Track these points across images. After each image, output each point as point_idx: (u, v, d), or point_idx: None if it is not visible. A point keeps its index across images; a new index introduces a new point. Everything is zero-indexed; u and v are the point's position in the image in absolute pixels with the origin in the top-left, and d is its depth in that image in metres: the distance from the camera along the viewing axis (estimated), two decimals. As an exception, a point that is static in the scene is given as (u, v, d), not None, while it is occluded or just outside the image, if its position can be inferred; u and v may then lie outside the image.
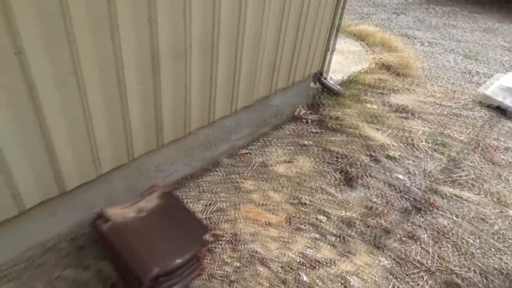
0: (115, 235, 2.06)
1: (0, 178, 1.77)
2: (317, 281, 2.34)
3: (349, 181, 3.07)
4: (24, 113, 1.72)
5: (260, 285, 2.27)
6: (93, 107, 1.95)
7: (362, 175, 3.13)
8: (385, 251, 2.59)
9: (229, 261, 2.37)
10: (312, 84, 3.84)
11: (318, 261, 2.45)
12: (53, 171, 1.97)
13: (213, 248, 2.41)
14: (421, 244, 2.64)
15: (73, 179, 2.10)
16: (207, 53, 2.42)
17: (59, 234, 2.28)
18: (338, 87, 3.89)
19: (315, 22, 3.24)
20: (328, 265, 2.44)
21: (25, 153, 1.81)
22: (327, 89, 3.86)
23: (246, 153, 3.23)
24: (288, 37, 2.99)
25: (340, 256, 2.52)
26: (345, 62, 4.71)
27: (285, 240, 2.57)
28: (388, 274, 2.45)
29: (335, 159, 3.30)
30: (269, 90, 3.14)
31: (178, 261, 2.04)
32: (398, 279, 2.42)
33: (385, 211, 2.85)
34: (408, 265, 2.51)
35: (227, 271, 2.31)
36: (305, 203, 2.84)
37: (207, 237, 2.46)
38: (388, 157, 3.39)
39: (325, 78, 3.86)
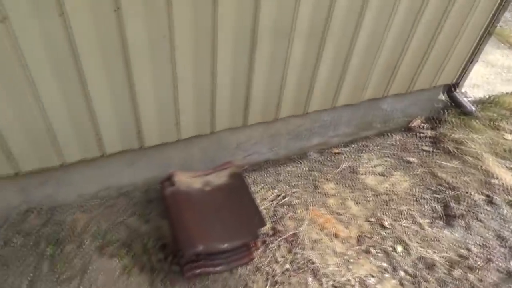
0: (173, 202, 2.11)
1: (88, 122, 1.94)
2: (368, 316, 2.07)
3: (448, 217, 2.59)
4: (116, 69, 1.81)
5: (304, 297, 2.11)
6: (181, 73, 1.97)
7: (467, 215, 2.62)
8: (464, 312, 2.16)
9: (281, 260, 2.24)
10: (440, 96, 3.32)
11: (377, 294, 2.16)
12: (136, 126, 2.08)
13: (269, 242, 2.31)
14: (514, 320, 2.13)
15: (154, 137, 2.18)
16: (315, 39, 2.21)
17: (134, 184, 2.44)
18: (472, 105, 3.28)
19: (459, 22, 2.69)
20: (388, 303, 2.14)
21: (112, 105, 1.93)
22: (456, 105, 3.28)
23: (338, 153, 2.98)
24: (417, 36, 2.56)
25: (406, 298, 2.18)
26: (492, 78, 3.94)
27: (348, 259, 2.32)
28: None
29: (439, 187, 2.82)
30: (380, 93, 2.80)
31: (225, 246, 2.01)
32: None
33: (482, 266, 2.35)
34: None
35: (275, 270, 2.19)
36: (386, 227, 2.51)
37: (265, 228, 2.37)
38: (510, 204, 2.77)
39: (458, 92, 3.29)
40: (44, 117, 1.80)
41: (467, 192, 2.75)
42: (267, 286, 2.12)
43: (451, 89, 3.22)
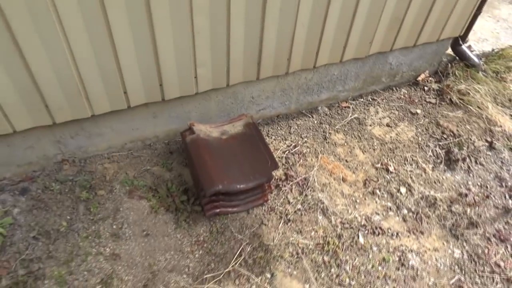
0: (194, 147, 2.30)
1: (114, 74, 2.11)
2: (373, 246, 2.28)
3: (449, 161, 2.76)
4: (140, 24, 1.96)
5: (315, 232, 2.32)
6: (199, 25, 2.11)
7: (468, 159, 2.78)
8: (462, 242, 2.35)
9: (293, 202, 2.45)
10: (447, 50, 3.40)
11: (381, 228, 2.36)
12: (158, 78, 2.25)
13: (282, 186, 2.51)
14: (508, 248, 2.32)
15: (174, 90, 2.36)
16: (322, -10, 2.33)
17: (157, 136, 2.65)
18: (477, 58, 3.36)
19: None
20: (391, 236, 2.34)
21: (137, 58, 2.09)
22: (462, 59, 3.37)
23: (346, 107, 3.13)
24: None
25: (408, 232, 2.37)
26: (499, 31, 3.98)
27: (355, 199, 2.52)
28: (455, 266, 2.24)
29: (443, 135, 2.97)
30: (387, 47, 2.90)
31: (241, 186, 2.21)
32: (466, 275, 2.20)
33: (480, 202, 2.53)
34: (484, 265, 2.25)
35: (287, 210, 2.40)
36: (390, 171, 2.69)
37: (278, 173, 2.57)
38: (511, 149, 2.91)
39: (464, 46, 3.36)
40: (77, 71, 1.99)
41: (469, 139, 2.91)
42: (281, 224, 2.34)
43: (457, 42, 3.30)
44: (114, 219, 2.24)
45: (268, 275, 2.12)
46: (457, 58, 3.40)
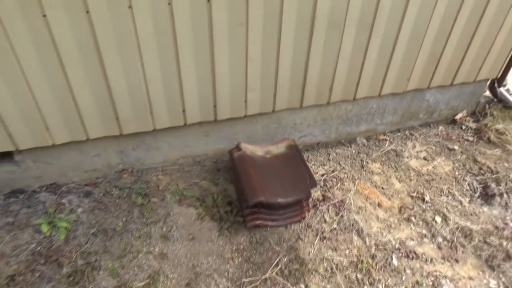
0: (241, 162, 2.53)
1: (177, 94, 2.43)
2: (407, 269, 2.33)
3: (486, 196, 2.80)
4: (202, 51, 2.29)
5: (349, 250, 2.42)
6: (252, 54, 2.41)
7: (506, 195, 2.80)
8: (498, 274, 2.35)
9: (329, 221, 2.58)
10: (484, 91, 3.52)
11: (416, 253, 2.42)
12: (213, 100, 2.54)
13: (319, 206, 2.66)
14: (546, 283, 2.29)
15: (226, 111, 2.64)
16: (364, 29, 2.58)
17: (206, 154, 2.91)
18: (516, 101, 3.45)
19: (499, 17, 2.93)
20: (425, 261, 2.39)
21: (197, 81, 2.41)
22: (499, 100, 3.46)
23: (384, 139, 3.28)
24: (458, 28, 2.84)
25: (442, 259, 2.41)
26: (540, 78, 4.05)
27: (390, 224, 2.60)
28: (491, 295, 2.24)
29: (480, 170, 3.03)
30: (424, 84, 3.08)
31: (282, 200, 2.39)
32: (501, 305, 2.20)
33: (518, 237, 2.53)
34: (520, 297, 2.23)
35: (324, 228, 2.53)
36: (426, 201, 2.76)
37: (316, 192, 2.73)
38: (552, 188, 2.90)
39: (502, 88, 3.46)
40: (146, 89, 2.32)
41: (507, 176, 2.94)
42: (317, 240, 2.46)
43: (494, 84, 3.42)
44: (164, 222, 2.47)
45: (303, 286, 2.22)
46: (495, 99, 3.49)
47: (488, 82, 3.48)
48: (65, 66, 2.07)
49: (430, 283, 2.28)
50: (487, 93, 3.55)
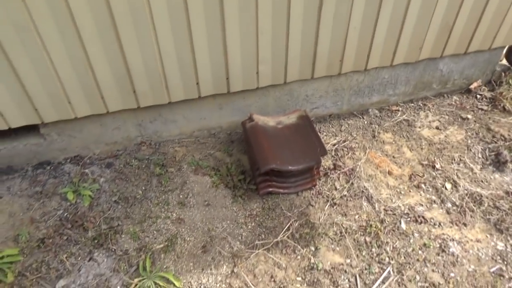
0: (253, 133, 2.62)
1: (190, 67, 2.51)
2: (415, 233, 2.40)
3: (498, 163, 2.80)
4: (214, 23, 2.36)
5: (359, 216, 2.50)
6: (262, 26, 2.46)
7: (519, 162, 2.81)
8: (506, 236, 2.39)
9: (339, 188, 2.66)
10: (500, 59, 3.46)
11: (424, 217, 2.48)
12: (226, 72, 2.62)
13: (330, 174, 2.73)
14: (554, 245, 2.32)
15: (238, 84, 2.71)
16: (374, -3, 2.59)
17: (221, 126, 3.01)
18: (534, 68, 3.39)
19: None
20: (433, 225, 2.45)
21: (209, 53, 2.48)
22: (517, 69, 3.42)
23: (396, 110, 3.30)
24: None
25: (451, 223, 2.47)
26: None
27: (400, 191, 2.66)
28: (498, 256, 2.29)
29: (493, 138, 3.02)
30: (437, 53, 3.06)
31: (293, 167, 2.47)
32: (508, 266, 2.24)
33: (528, 202, 2.55)
34: (528, 259, 2.28)
35: (334, 195, 2.61)
36: (437, 168, 2.80)
37: (327, 161, 2.81)
38: None
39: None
40: (161, 62, 2.41)
41: (520, 143, 2.93)
42: (327, 206, 2.55)
43: (511, 52, 3.36)
44: (181, 190, 2.60)
45: (313, 248, 2.33)
46: (510, 67, 3.44)
47: (505, 50, 3.42)
48: (84, 42, 2.18)
49: (438, 245, 2.35)
50: (504, 61, 3.49)
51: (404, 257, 2.29)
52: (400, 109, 3.31)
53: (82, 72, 2.32)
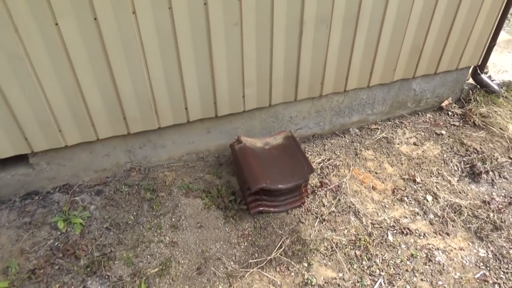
0: (242, 154, 2.69)
1: (179, 92, 2.60)
2: (402, 244, 2.50)
3: (473, 174, 2.98)
4: (201, 51, 2.46)
5: (347, 230, 2.58)
6: (247, 52, 2.58)
7: (492, 173, 2.99)
8: (487, 243, 2.52)
9: (327, 204, 2.75)
10: (467, 78, 3.71)
11: (409, 229, 2.59)
12: (213, 97, 2.71)
13: (317, 192, 2.82)
14: (531, 248, 2.46)
15: (225, 107, 2.81)
16: (349, 23, 2.75)
17: (209, 150, 3.08)
18: (497, 86, 3.64)
19: (475, 5, 3.12)
20: (418, 236, 2.56)
21: (197, 78, 2.57)
22: (482, 86, 3.65)
23: (375, 129, 3.46)
24: (437, 19, 3.02)
25: (434, 233, 2.58)
26: (521, 65, 4.26)
27: (384, 205, 2.77)
28: (481, 263, 2.41)
29: (467, 152, 3.21)
30: (410, 73, 3.27)
31: (282, 186, 2.55)
32: (490, 271, 2.36)
33: (503, 209, 2.71)
34: (508, 263, 2.41)
35: (322, 211, 2.70)
36: (417, 182, 2.94)
37: (313, 179, 2.90)
38: (535, 165, 3.09)
39: (483, 74, 3.66)
40: (151, 88, 2.49)
41: (492, 155, 3.13)
42: (317, 222, 2.63)
43: (476, 72, 3.61)
44: (173, 213, 2.62)
45: (306, 264, 2.38)
46: (478, 86, 3.69)
47: (471, 70, 3.68)
48: (75, 70, 2.24)
49: (424, 255, 2.45)
50: (470, 80, 3.74)
51: (394, 268, 2.37)
52: (379, 127, 3.48)
53: (73, 100, 2.36)
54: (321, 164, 3.06)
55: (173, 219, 2.60)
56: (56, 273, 2.30)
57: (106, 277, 2.28)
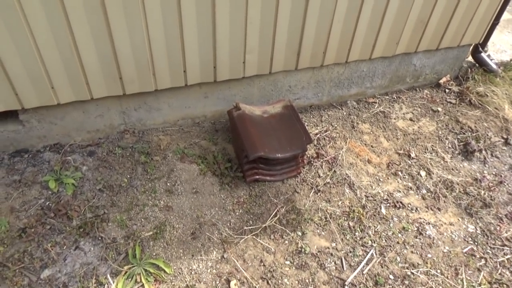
0: (240, 121, 2.65)
1: (178, 54, 2.50)
2: (394, 217, 2.54)
3: (467, 152, 3.02)
4: (204, 13, 2.36)
5: (341, 202, 2.60)
6: (251, 16, 2.49)
7: (484, 151, 3.03)
8: (476, 219, 2.59)
9: (323, 175, 2.75)
10: (467, 56, 3.70)
11: (402, 203, 2.63)
12: (213, 61, 2.63)
13: (313, 162, 2.82)
14: (518, 226, 2.54)
15: (225, 72, 2.73)
16: (357, -7, 2.69)
17: (205, 116, 3.02)
18: (495, 66, 3.64)
19: None
20: (411, 210, 2.60)
21: (198, 41, 2.48)
22: (481, 65, 3.65)
23: (373, 102, 3.45)
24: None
25: (426, 208, 2.63)
26: (519, 45, 4.26)
27: (379, 178, 2.80)
28: (469, 238, 2.48)
29: (461, 130, 3.24)
30: (412, 48, 3.23)
31: (280, 155, 2.53)
32: (478, 246, 2.43)
33: (494, 188, 2.77)
34: (495, 239, 2.48)
35: (318, 182, 2.70)
36: (412, 157, 2.97)
37: (310, 150, 2.89)
38: (526, 146, 3.15)
39: (483, 53, 3.64)
40: (150, 49, 2.38)
41: (486, 134, 3.17)
42: (312, 193, 2.64)
43: (477, 50, 3.60)
44: (168, 178, 2.59)
45: (300, 233, 2.41)
46: (476, 64, 3.68)
47: (471, 48, 3.65)
48: (71, 24, 2.12)
49: (415, 228, 2.50)
50: (470, 58, 3.73)
51: (385, 240, 2.42)
52: (377, 101, 3.46)
53: (68, 56, 2.24)
54: (318, 135, 3.04)
55: (168, 184, 2.57)
56: (48, 232, 2.27)
57: (100, 238, 2.26)
